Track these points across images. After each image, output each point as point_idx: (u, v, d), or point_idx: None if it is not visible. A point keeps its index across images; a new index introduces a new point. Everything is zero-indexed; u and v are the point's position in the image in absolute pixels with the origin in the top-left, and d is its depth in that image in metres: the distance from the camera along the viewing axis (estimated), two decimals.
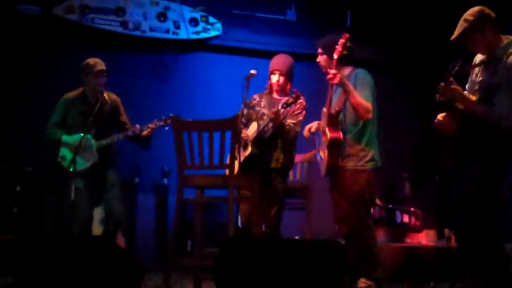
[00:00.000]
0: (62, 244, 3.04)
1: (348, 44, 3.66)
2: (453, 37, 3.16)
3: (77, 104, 4.52)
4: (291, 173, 4.73)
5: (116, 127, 4.66)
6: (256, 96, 4.55)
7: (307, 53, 6.59)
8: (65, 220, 4.96)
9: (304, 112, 4.41)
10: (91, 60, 4.51)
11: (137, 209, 5.79)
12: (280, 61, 4.44)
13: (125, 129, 4.59)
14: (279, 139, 4.34)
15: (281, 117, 4.22)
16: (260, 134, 4.28)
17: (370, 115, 3.66)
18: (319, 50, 3.88)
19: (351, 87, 3.65)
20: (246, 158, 4.29)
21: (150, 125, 4.53)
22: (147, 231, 5.87)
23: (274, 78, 4.41)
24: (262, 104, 4.47)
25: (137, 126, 4.54)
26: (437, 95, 3.10)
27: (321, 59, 3.87)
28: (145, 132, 4.53)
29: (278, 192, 4.32)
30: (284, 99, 4.25)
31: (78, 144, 4.23)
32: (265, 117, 4.33)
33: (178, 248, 5.23)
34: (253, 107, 4.48)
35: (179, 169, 3.81)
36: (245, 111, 4.42)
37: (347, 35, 3.62)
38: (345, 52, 3.67)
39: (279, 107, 4.15)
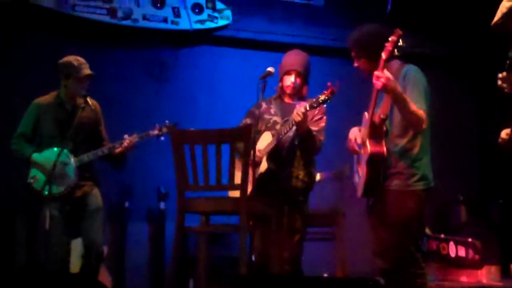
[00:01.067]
0: (34, 283, 3.05)
1: (400, 44, 3.57)
2: (495, 20, 3.14)
3: (52, 111, 4.53)
4: (318, 194, 4.72)
5: (91, 141, 4.62)
6: (262, 103, 4.56)
7: (337, 47, 6.60)
8: (37, 253, 4.97)
9: (325, 117, 4.40)
10: (74, 60, 4.51)
11: (127, 240, 5.78)
12: (296, 58, 4.46)
13: (103, 145, 4.58)
14: (297, 150, 4.34)
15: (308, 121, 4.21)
16: (277, 144, 4.27)
17: (424, 126, 3.61)
18: (354, 53, 3.80)
19: (402, 95, 3.56)
20: (261, 177, 4.28)
21: (127, 139, 4.50)
22: (140, 267, 5.86)
23: (289, 79, 4.42)
24: (272, 111, 4.47)
25: (126, 136, 4.53)
26: (501, 84, 3.09)
27: (359, 63, 3.80)
28: (119, 149, 4.53)
29: (301, 218, 4.31)
30: (301, 104, 4.25)
31: (53, 163, 4.23)
32: (277, 126, 4.32)
33: None
34: (260, 117, 4.48)
35: (178, 190, 3.80)
36: (249, 121, 4.44)
37: (400, 32, 3.52)
38: (396, 53, 3.60)
39: (307, 107, 4.12)
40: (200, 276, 4.11)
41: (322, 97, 4.06)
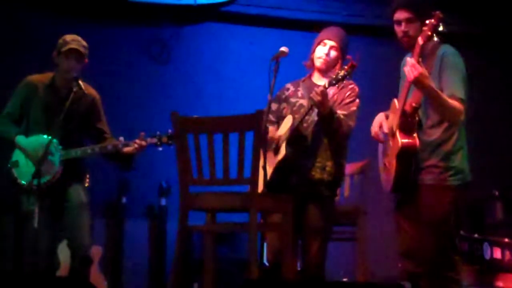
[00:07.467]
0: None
1: (441, 29, 3.54)
2: None
3: (43, 93, 4.53)
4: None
5: (87, 135, 4.63)
6: (289, 86, 4.53)
7: (359, 24, 6.57)
8: (26, 252, 5.00)
9: (357, 100, 4.37)
10: (68, 36, 4.54)
11: (125, 240, 5.82)
12: (335, 31, 4.44)
13: (103, 141, 4.57)
14: (324, 137, 4.32)
15: (330, 101, 4.19)
16: (297, 128, 4.25)
17: (461, 118, 3.60)
18: (407, 14, 3.71)
19: (435, 91, 3.53)
20: (280, 166, 4.26)
21: (137, 141, 4.47)
22: (138, 270, 5.91)
23: (322, 50, 4.36)
24: (299, 93, 4.45)
25: (121, 139, 4.50)
26: None
27: (410, 27, 3.75)
28: (127, 149, 4.48)
29: (326, 216, 4.31)
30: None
31: (44, 151, 4.22)
32: (303, 110, 4.29)
33: None
34: (286, 100, 4.46)
35: (181, 185, 3.81)
36: (274, 105, 4.40)
37: (441, 15, 3.50)
38: (435, 39, 3.58)
39: (326, 85, 4.09)
40: (206, 280, 4.11)
41: (341, 73, 4.05)
